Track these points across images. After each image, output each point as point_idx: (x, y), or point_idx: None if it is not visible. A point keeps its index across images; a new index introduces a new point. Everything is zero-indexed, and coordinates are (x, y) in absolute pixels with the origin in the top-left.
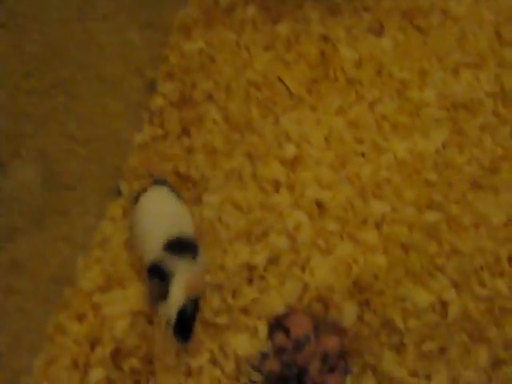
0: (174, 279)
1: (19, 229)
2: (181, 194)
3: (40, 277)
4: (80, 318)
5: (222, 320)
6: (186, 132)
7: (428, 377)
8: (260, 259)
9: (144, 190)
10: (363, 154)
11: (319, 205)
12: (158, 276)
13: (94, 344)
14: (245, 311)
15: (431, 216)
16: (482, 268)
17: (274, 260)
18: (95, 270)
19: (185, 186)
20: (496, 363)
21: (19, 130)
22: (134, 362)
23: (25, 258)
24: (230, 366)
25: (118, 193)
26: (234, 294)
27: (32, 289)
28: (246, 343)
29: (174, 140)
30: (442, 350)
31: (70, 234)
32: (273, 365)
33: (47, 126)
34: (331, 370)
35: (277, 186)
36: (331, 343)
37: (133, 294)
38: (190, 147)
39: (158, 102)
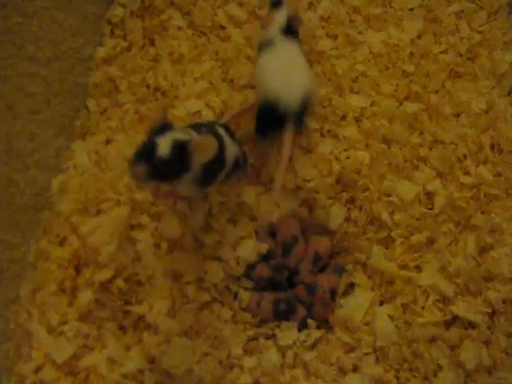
0: None
1: None
2: None
3: (16, 206)
4: (61, 242)
5: (210, 239)
6: (150, 41)
7: (418, 268)
8: None
9: None
10: (337, 49)
11: None
12: None
13: (78, 267)
14: (233, 221)
15: (411, 107)
16: (465, 156)
17: None
18: (72, 192)
19: (154, 97)
20: (483, 249)
21: None
22: (121, 284)
23: None
24: (218, 278)
25: (87, 110)
26: None
27: (9, 219)
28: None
29: (138, 51)
30: (430, 241)
31: (42, 158)
32: (262, 270)
33: (2, 50)
34: (322, 269)
35: (251, 87)
36: (321, 244)
37: (115, 214)
38: (155, 57)
39: (118, 12)
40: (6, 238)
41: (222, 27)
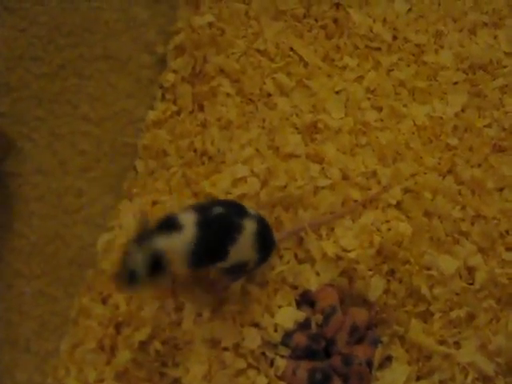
0: None
1: (38, 214)
2: None
3: (61, 260)
4: (104, 300)
5: (249, 306)
6: (199, 107)
7: (457, 344)
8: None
9: None
10: (382, 121)
11: (341, 173)
12: None
13: (119, 326)
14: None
15: (453, 181)
16: (507, 232)
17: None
18: (116, 251)
19: (200, 161)
20: None
21: (31, 114)
22: (159, 346)
23: (44, 242)
24: (255, 344)
25: (135, 171)
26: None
27: (54, 273)
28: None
29: (187, 116)
30: (470, 317)
31: (89, 215)
32: (300, 338)
33: (59, 109)
34: (359, 340)
35: (296, 155)
36: (359, 315)
37: None
38: (204, 122)
39: (170, 78)
40: (49, 291)
41: (270, 95)
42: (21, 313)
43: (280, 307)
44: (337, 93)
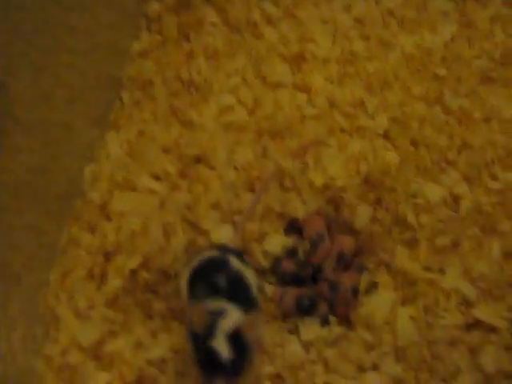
0: None
1: (21, 147)
2: None
3: (49, 194)
4: (92, 229)
5: None
6: (185, 37)
7: (441, 270)
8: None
9: None
10: (370, 51)
11: (328, 102)
12: None
13: (107, 255)
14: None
15: (441, 110)
16: (493, 161)
17: None
18: (104, 182)
19: (187, 91)
20: (508, 254)
21: (13, 48)
22: (146, 275)
23: (31, 176)
24: None
25: (120, 102)
26: None
27: (42, 206)
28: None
29: (173, 46)
30: (455, 244)
31: (76, 147)
32: (287, 265)
33: (41, 41)
34: (345, 268)
35: (283, 84)
36: (346, 243)
37: (145, 203)
38: (190, 52)
39: (155, 7)
40: (36, 224)
41: (256, 25)
42: (10, 247)
43: (267, 234)
44: (324, 22)
